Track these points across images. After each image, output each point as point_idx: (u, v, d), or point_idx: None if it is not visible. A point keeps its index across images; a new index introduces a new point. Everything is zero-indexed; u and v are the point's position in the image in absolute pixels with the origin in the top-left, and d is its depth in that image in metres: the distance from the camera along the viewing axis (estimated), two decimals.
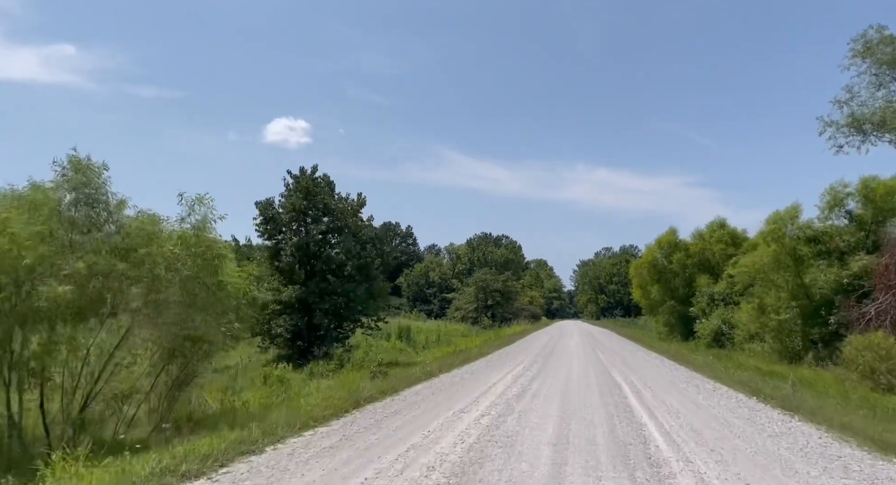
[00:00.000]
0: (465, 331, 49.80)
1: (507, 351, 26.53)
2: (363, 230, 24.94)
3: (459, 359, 22.15)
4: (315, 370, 19.48)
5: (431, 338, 38.58)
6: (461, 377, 15.77)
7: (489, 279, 64.91)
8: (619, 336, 43.07)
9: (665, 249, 36.30)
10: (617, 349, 28.46)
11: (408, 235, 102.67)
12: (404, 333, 35.94)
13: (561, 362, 20.42)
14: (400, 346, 32.77)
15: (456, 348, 29.07)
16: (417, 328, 42.87)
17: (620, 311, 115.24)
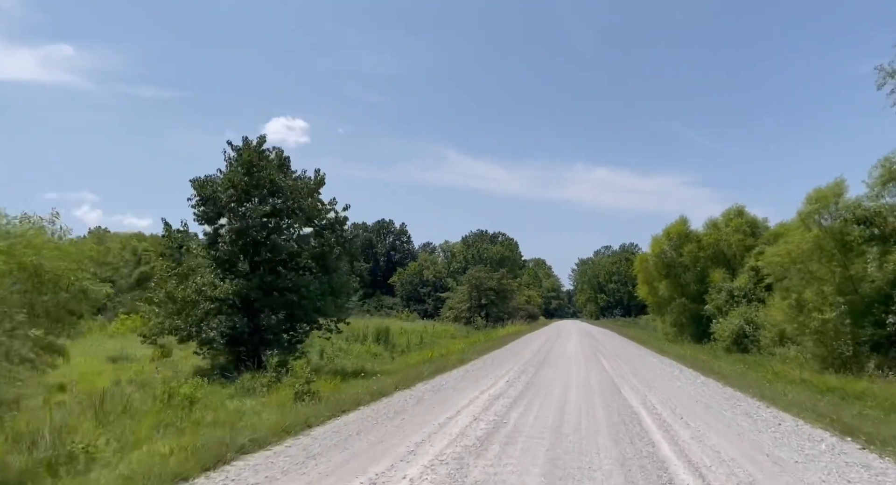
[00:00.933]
0: (456, 332, 45.52)
1: (494, 357, 22.24)
2: (321, 214, 20.57)
3: (433, 368, 17.88)
4: (248, 385, 15.17)
5: (415, 340, 34.34)
6: (419, 399, 11.47)
7: (483, 277, 60.61)
8: (623, 337, 38.74)
9: (674, 241, 31.98)
10: (623, 354, 24.14)
11: (401, 233, 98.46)
12: (382, 334, 31.61)
13: (556, 374, 16.10)
14: (375, 350, 28.43)
15: (435, 353, 24.82)
16: (401, 330, 38.61)
17: (620, 310, 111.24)
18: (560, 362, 19.56)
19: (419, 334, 38.05)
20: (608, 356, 22.44)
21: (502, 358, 21.64)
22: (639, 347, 29.07)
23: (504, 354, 23.67)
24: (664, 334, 38.78)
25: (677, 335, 35.74)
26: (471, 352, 24.31)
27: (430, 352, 26.19)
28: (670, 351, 24.84)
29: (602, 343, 31.22)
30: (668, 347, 27.77)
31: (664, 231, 32.59)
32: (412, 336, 35.79)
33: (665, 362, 20.33)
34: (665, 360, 21.31)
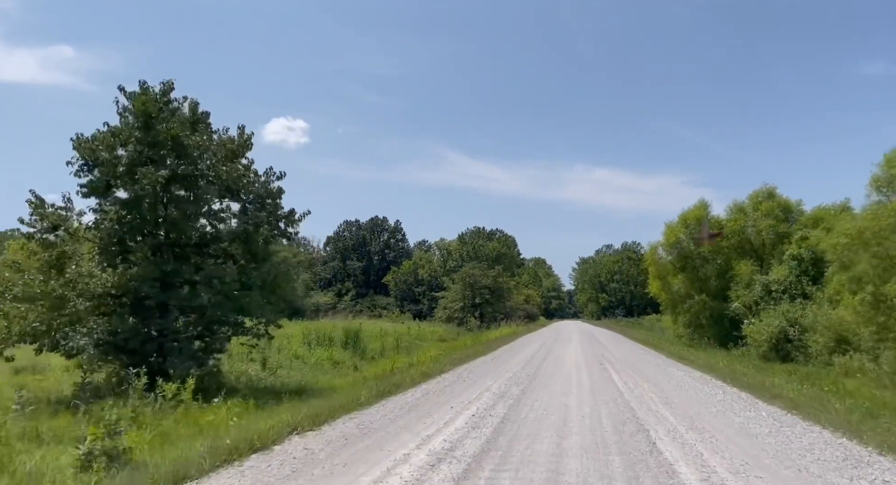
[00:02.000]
0: (444, 333, 40.50)
1: (472, 369, 17.23)
2: (246, 185, 15.55)
3: (388, 384, 12.97)
4: (103, 415, 10.17)
5: (393, 344, 29.43)
6: (325, 454, 6.49)
7: (477, 275, 55.59)
8: (630, 340, 33.64)
9: (693, 228, 26.92)
10: (636, 363, 19.06)
11: (396, 231, 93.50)
12: (351, 338, 26.57)
13: (549, 400, 11.01)
14: (339, 356, 23.43)
15: (405, 362, 19.92)
16: (381, 332, 33.67)
17: (622, 310, 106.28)
18: (556, 378, 14.54)
19: (400, 337, 33.22)
20: (619, 367, 17.41)
21: (482, 370, 16.66)
22: (653, 352, 24.00)
23: (487, 364, 18.68)
24: (676, 337, 33.69)
25: (693, 337, 30.67)
26: (447, 361, 19.34)
27: (403, 359, 21.34)
28: (694, 359, 19.76)
29: (608, 348, 26.17)
30: (688, 352, 22.70)
31: (680, 217, 27.52)
32: (391, 339, 30.89)
33: (695, 376, 15.26)
34: (693, 372, 16.23)
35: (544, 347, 26.09)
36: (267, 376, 16.77)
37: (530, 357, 20.57)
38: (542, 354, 22.15)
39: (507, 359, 20.15)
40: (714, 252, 26.54)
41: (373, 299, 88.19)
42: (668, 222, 27.93)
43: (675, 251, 27.41)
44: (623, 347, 27.20)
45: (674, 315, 30.28)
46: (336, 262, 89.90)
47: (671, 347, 25.79)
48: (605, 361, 19.25)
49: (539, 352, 23.15)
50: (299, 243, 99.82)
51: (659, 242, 28.12)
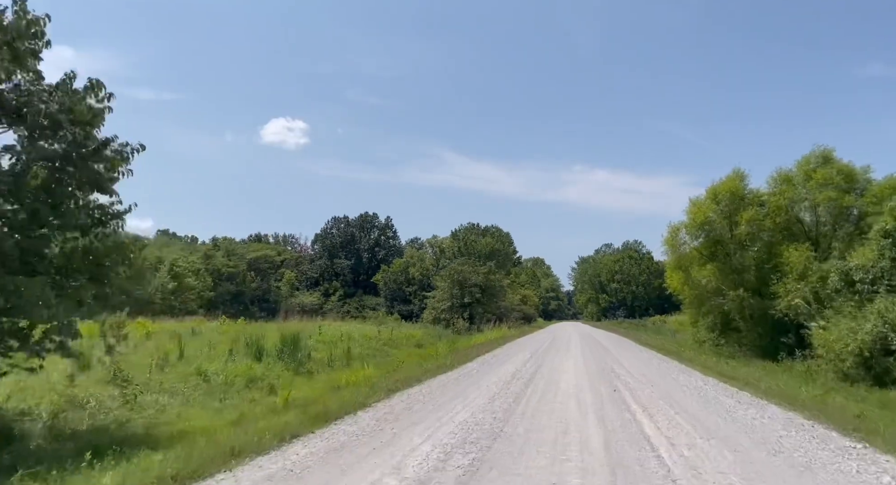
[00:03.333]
0: (424, 337, 34.07)
1: (417, 400, 10.76)
2: (25, 99, 9.06)
3: (275, 425, 6.64)
4: None
5: (357, 352, 23.15)
6: None
7: (467, 271, 49.14)
8: (641, 347, 27.15)
9: (724, 206, 20.53)
10: (668, 389, 12.44)
11: (387, 228, 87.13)
12: (288, 345, 20.09)
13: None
14: (265, 371, 16.99)
15: (332, 385, 13.59)
16: (344, 336, 27.34)
17: (623, 311, 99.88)
18: (541, 426, 8.08)
19: (367, 343, 26.95)
20: (644, 398, 10.90)
21: (436, 399, 10.28)
22: (678, 365, 17.48)
23: (444, 388, 12.25)
24: (696, 342, 27.25)
25: (718, 343, 24.26)
26: (392, 380, 13.01)
27: (338, 376, 15.09)
28: (744, 378, 13.27)
29: (618, 359, 19.71)
30: (728, 367, 16.22)
31: (709, 191, 21.07)
32: (352, 346, 24.56)
33: (780, 419, 8.77)
34: (768, 408, 9.68)
35: (535, 358, 19.67)
36: (114, 409, 10.44)
37: (511, 376, 14.17)
38: (530, 369, 15.72)
39: (478, 379, 13.75)
40: (753, 234, 20.15)
41: (361, 300, 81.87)
42: (694, 198, 21.54)
43: (702, 235, 20.99)
44: (637, 357, 20.74)
45: (698, 315, 23.79)
46: (323, 260, 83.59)
47: (699, 357, 19.36)
48: (620, 383, 12.82)
49: (526, 366, 16.73)
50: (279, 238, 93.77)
51: (681, 224, 21.71)
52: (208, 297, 68.35)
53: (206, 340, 20.25)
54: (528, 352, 22.05)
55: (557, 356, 19.93)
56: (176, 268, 62.38)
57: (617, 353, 22.08)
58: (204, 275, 68.19)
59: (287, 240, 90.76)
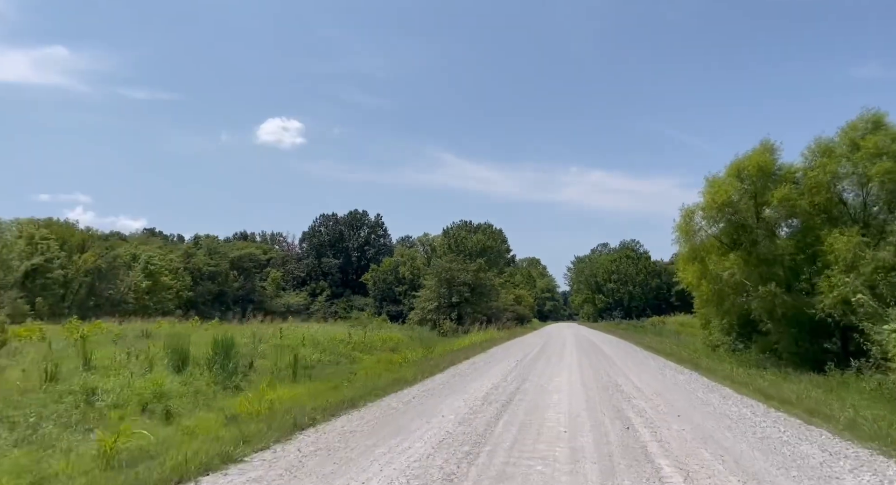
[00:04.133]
0: (403, 340, 30.17)
1: (336, 439, 6.92)
2: None
3: None
4: None
5: (312, 358, 19.36)
6: None
7: (455, 269, 45.32)
8: (647, 352, 23.27)
9: (750, 183, 16.70)
10: (716, 431, 8.34)
11: (377, 226, 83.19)
12: (221, 352, 16.08)
13: None
14: (179, 386, 13.03)
15: (249, 410, 9.70)
16: (306, 339, 23.55)
17: (620, 312, 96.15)
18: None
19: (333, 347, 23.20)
20: (675, 440, 7.04)
21: (348, 449, 6.45)
22: (703, 379, 13.54)
23: (385, 418, 8.40)
24: (709, 347, 23.42)
25: (735, 348, 20.48)
26: (322, 401, 9.18)
27: (268, 393, 11.24)
28: (817, 407, 9.42)
29: (623, 370, 15.81)
30: (770, 384, 12.37)
31: (732, 167, 17.14)
32: (313, 351, 20.77)
33: None
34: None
35: (520, 368, 15.76)
36: None
37: (482, 399, 10.27)
38: (509, 387, 11.80)
39: (438, 402, 9.86)
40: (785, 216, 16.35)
41: (349, 300, 77.94)
42: (711, 177, 17.61)
43: (723, 218, 17.11)
44: (644, 366, 16.84)
45: (716, 315, 19.87)
46: (310, 259, 79.62)
47: (720, 367, 15.48)
48: (632, 411, 8.94)
49: (506, 381, 12.83)
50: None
51: (696, 206, 17.82)
52: (187, 297, 64.39)
53: (133, 346, 16.38)
54: (514, 360, 18.15)
55: (548, 367, 16.03)
56: (151, 266, 58.41)
57: (620, 361, 18.21)
58: (183, 274, 64.21)
59: (275, 239, 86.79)
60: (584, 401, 9.80)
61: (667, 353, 21.54)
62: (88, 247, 55.06)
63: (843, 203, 16.04)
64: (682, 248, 18.66)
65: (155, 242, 68.81)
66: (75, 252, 53.62)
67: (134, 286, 55.32)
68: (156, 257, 60.03)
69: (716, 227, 17.47)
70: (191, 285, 65.51)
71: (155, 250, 63.06)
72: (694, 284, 19.15)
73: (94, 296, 53.18)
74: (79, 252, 53.79)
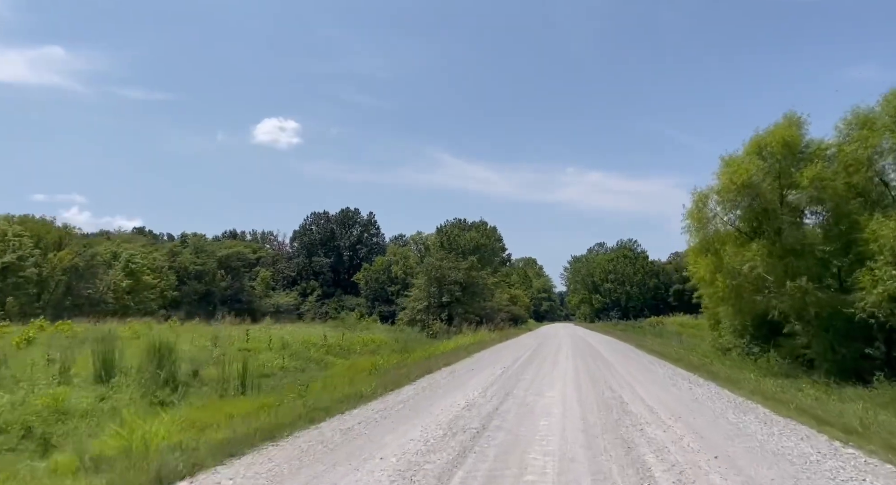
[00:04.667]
0: (386, 342, 27.63)
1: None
2: None
3: None
4: None
5: (274, 364, 16.90)
6: None
7: (445, 267, 42.74)
8: (653, 358, 20.69)
9: (776, 160, 14.16)
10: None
11: (369, 224, 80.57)
12: (154, 356, 13.42)
13: None
14: (92, 401, 10.43)
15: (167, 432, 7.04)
16: (273, 343, 21.10)
17: (617, 312, 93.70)
18: None
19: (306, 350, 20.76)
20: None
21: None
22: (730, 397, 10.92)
23: (307, 454, 5.86)
24: (719, 350, 20.89)
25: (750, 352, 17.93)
26: (248, 427, 6.60)
27: (173, 416, 8.59)
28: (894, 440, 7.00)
29: (629, 381, 13.21)
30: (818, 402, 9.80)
31: (751, 144, 14.59)
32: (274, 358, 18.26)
33: None
34: None
35: (505, 377, 13.17)
36: None
37: (448, 424, 7.69)
38: (487, 407, 9.19)
39: (380, 436, 7.29)
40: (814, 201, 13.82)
41: (341, 300, 75.22)
42: (727, 156, 15.04)
43: (742, 203, 14.56)
44: (652, 376, 14.26)
45: (735, 314, 17.24)
46: (301, 258, 76.96)
47: (741, 377, 12.94)
48: (648, 447, 6.40)
49: (486, 396, 10.24)
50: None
51: (710, 190, 15.25)
52: (172, 296, 61.69)
53: (72, 351, 13.82)
54: (501, 367, 15.56)
55: (539, 376, 13.46)
56: (132, 265, 55.68)
57: (622, 368, 15.64)
58: (167, 273, 61.47)
59: (265, 237, 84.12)
60: (582, 431, 7.22)
61: (673, 357, 18.98)
62: (66, 245, 52.40)
63: (886, 184, 13.50)
64: (694, 238, 16.09)
65: (139, 241, 66.01)
66: (51, 250, 50.97)
67: (113, 286, 52.60)
68: (138, 256, 57.31)
69: (733, 213, 14.95)
70: (176, 285, 62.81)
71: (138, 249, 60.35)
72: (707, 280, 16.50)
73: (70, 295, 50.47)
74: (55, 250, 51.12)
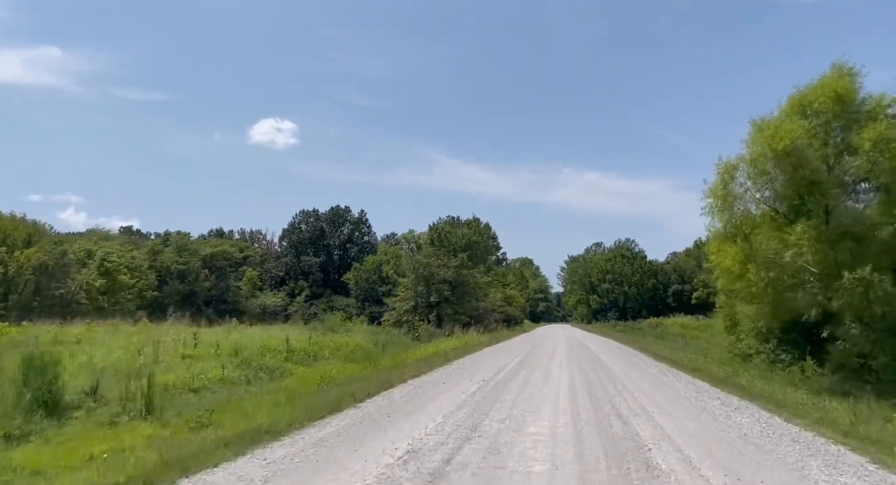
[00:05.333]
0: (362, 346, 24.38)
1: None
2: None
3: None
4: None
5: (211, 376, 13.60)
6: None
7: (433, 265, 39.48)
8: (665, 367, 17.40)
9: (824, 120, 11.00)
10: None
11: (360, 222, 77.28)
12: (34, 373, 10.16)
13: None
14: None
15: None
16: (225, 347, 17.93)
17: (615, 313, 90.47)
18: None
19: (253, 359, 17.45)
20: None
21: None
22: (809, 437, 7.76)
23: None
24: (737, 356, 17.69)
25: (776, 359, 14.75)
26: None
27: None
28: None
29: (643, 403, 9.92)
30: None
31: (792, 101, 11.36)
32: (212, 367, 14.91)
33: None
34: None
35: (480, 397, 9.91)
36: None
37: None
38: (444, 449, 5.99)
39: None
40: (876, 170, 10.63)
41: (330, 301, 71.85)
42: (759, 120, 11.75)
43: (781, 176, 11.30)
44: (669, 391, 11.01)
45: (772, 313, 13.86)
46: (289, 257, 73.63)
47: (793, 397, 9.78)
48: None
49: (444, 432, 7.01)
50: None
51: (739, 160, 11.91)
52: (152, 296, 58.30)
53: None
54: (479, 379, 12.30)
55: (524, 396, 10.20)
56: (108, 263, 52.32)
57: (631, 382, 12.41)
58: (146, 272, 58.08)
59: (254, 236, 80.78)
60: None
61: (687, 366, 15.76)
62: (35, 242, 49.08)
63: None
64: (717, 220, 12.75)
65: (118, 239, 62.60)
66: (19, 248, 47.65)
67: (86, 285, 49.26)
68: (114, 254, 53.90)
69: (769, 188, 11.66)
70: (156, 285, 59.43)
71: (115, 247, 56.96)
72: (734, 272, 13.04)
73: (39, 296, 47.10)
74: (23, 248, 47.79)
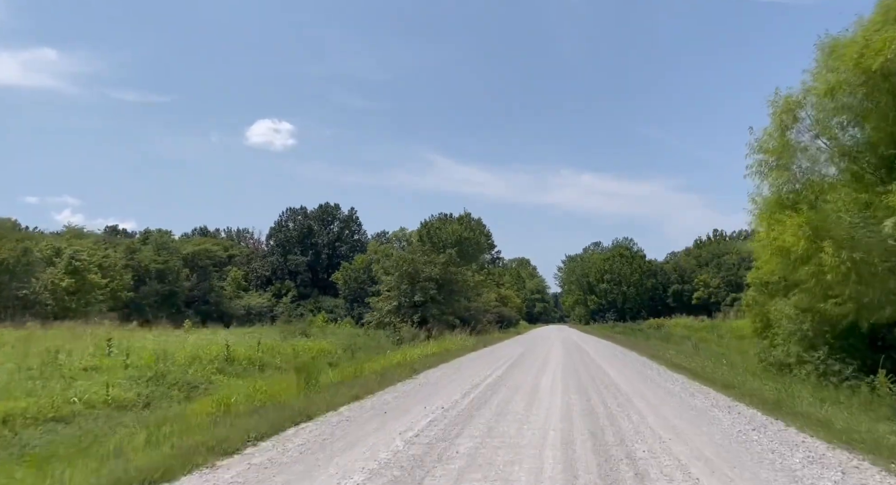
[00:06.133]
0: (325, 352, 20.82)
1: None
2: None
3: None
4: None
5: (96, 397, 9.81)
6: None
7: (419, 261, 35.88)
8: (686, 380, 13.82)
9: None
10: None
11: (350, 221, 73.64)
12: None
13: None
14: None
15: None
16: (139, 357, 14.15)
17: (614, 314, 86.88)
18: None
19: (174, 372, 13.75)
20: None
21: None
22: None
23: None
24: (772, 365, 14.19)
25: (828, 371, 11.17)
26: None
27: None
28: None
29: (678, 457, 6.48)
30: None
31: (880, 3, 8.02)
32: (121, 379, 11.14)
33: None
34: None
35: (425, 445, 6.40)
36: None
37: None
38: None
39: None
40: None
41: (318, 301, 68.23)
42: (829, 38, 8.27)
43: (876, 111, 7.69)
44: (714, 430, 7.48)
45: (840, 310, 10.06)
46: (276, 256, 69.99)
47: (890, 434, 6.36)
48: None
49: None
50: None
51: (804, 94, 8.29)
52: (127, 297, 54.61)
53: None
54: (438, 406, 8.73)
55: (495, 436, 6.65)
56: (76, 262, 48.66)
57: (654, 412, 8.83)
58: (121, 271, 54.42)
59: (240, 235, 77.15)
60: None
61: (718, 381, 12.18)
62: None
63: None
64: (772, 181, 9.00)
65: (91, 237, 58.84)
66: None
67: (51, 285, 45.59)
68: (85, 252, 50.19)
69: (849, 132, 8.06)
70: (132, 285, 55.70)
71: (87, 245, 53.25)
72: (798, 253, 8.92)
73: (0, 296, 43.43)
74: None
